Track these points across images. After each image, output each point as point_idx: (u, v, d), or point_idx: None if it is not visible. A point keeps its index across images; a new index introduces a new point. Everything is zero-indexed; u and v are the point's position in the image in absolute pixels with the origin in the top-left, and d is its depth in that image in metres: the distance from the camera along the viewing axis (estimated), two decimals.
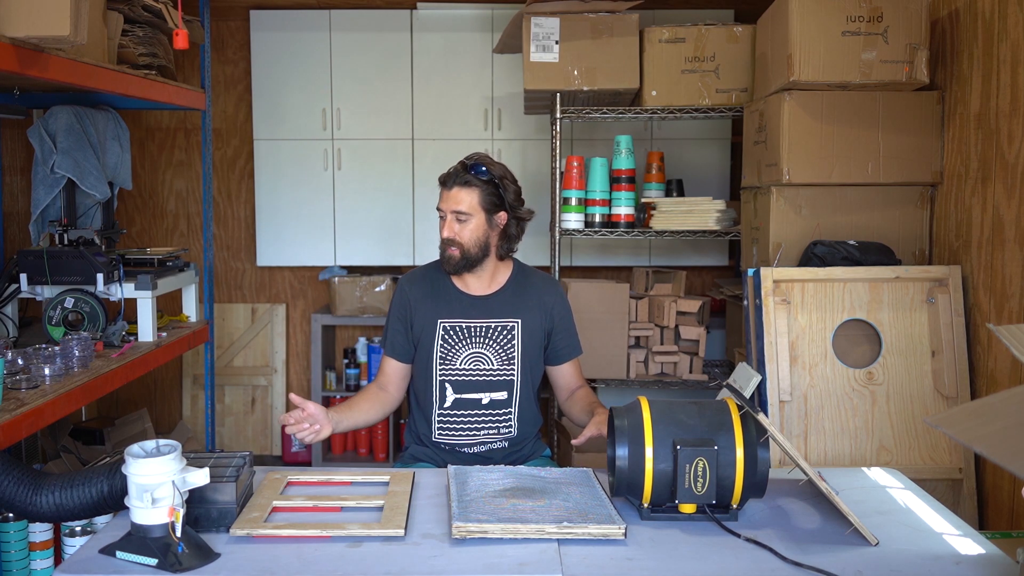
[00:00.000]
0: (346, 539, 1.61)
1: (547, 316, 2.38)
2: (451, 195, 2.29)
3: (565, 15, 3.28)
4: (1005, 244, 2.38)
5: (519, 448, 2.37)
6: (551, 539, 1.60)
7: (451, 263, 2.30)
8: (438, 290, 2.37)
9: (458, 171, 2.29)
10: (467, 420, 2.32)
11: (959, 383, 2.51)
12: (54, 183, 2.98)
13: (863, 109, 2.72)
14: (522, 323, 2.35)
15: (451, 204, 2.29)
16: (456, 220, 2.28)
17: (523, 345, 2.34)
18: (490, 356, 2.32)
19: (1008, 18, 2.38)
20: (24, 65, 2.22)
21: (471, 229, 2.29)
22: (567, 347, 2.42)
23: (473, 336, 2.33)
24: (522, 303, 2.37)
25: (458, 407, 2.31)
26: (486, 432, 2.32)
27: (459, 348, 2.32)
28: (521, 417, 2.35)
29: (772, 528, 1.69)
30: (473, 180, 2.28)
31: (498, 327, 2.34)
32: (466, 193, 2.28)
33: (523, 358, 2.34)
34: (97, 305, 2.84)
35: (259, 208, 4.49)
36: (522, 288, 2.39)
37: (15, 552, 2.30)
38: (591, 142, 4.35)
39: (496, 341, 2.33)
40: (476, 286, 2.36)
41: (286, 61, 4.42)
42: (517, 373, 2.33)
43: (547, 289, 2.42)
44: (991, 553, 1.60)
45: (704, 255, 4.49)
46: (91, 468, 1.79)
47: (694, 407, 1.75)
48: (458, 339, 2.32)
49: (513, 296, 2.37)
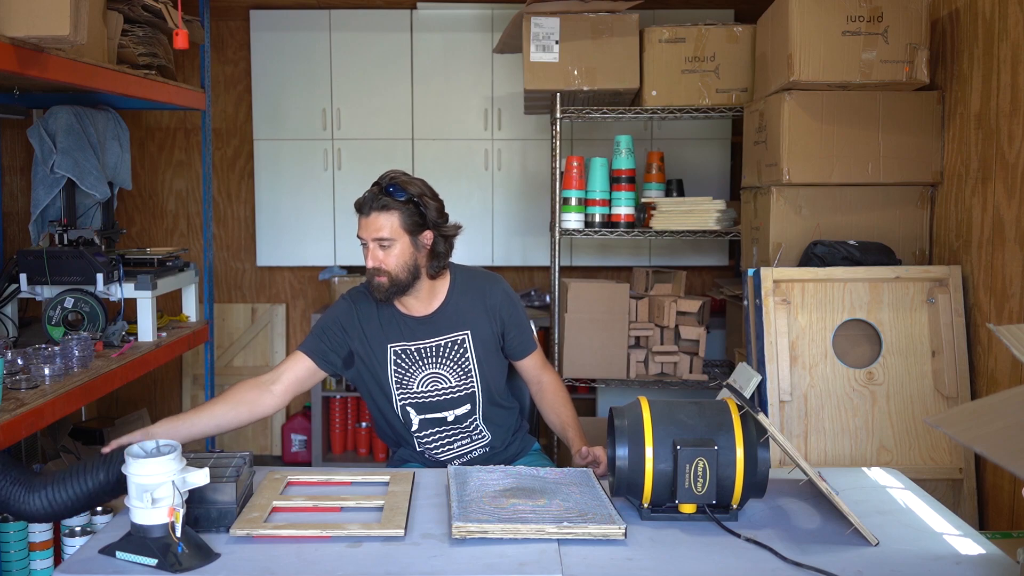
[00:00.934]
0: (346, 539, 1.61)
1: (495, 318, 2.29)
2: (369, 222, 2.14)
3: (565, 15, 3.28)
4: (1005, 244, 2.38)
5: (502, 449, 2.35)
6: (551, 539, 1.60)
7: (381, 291, 2.17)
8: (382, 313, 2.25)
9: (374, 195, 2.14)
10: (439, 436, 2.27)
11: (959, 383, 2.51)
12: (54, 183, 2.98)
13: (863, 109, 2.72)
14: (472, 333, 2.25)
15: (371, 232, 2.14)
16: (379, 247, 2.14)
17: (477, 355, 2.25)
18: (446, 374, 2.24)
19: (1008, 18, 2.38)
20: (24, 65, 2.22)
21: (396, 255, 2.15)
22: (520, 344, 2.33)
23: (426, 357, 2.23)
24: (468, 313, 2.27)
25: (426, 427, 2.26)
26: (461, 443, 2.29)
27: (413, 371, 2.23)
28: (491, 422, 2.30)
29: (772, 528, 1.69)
30: (391, 203, 2.13)
31: (448, 343, 2.24)
32: (385, 218, 2.13)
33: (481, 367, 2.26)
34: (97, 305, 2.84)
35: (259, 208, 4.49)
36: (464, 297, 2.28)
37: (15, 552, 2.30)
38: (591, 142, 4.35)
39: (449, 358, 2.24)
40: (416, 307, 2.24)
41: (286, 61, 4.42)
42: (477, 383, 2.26)
43: (489, 291, 2.30)
44: (991, 553, 1.59)
45: (704, 255, 4.49)
46: (80, 463, 1.79)
47: (694, 407, 1.75)
48: (411, 362, 2.23)
49: (457, 308, 2.26)
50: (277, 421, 4.80)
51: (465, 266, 2.36)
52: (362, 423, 4.60)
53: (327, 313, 2.28)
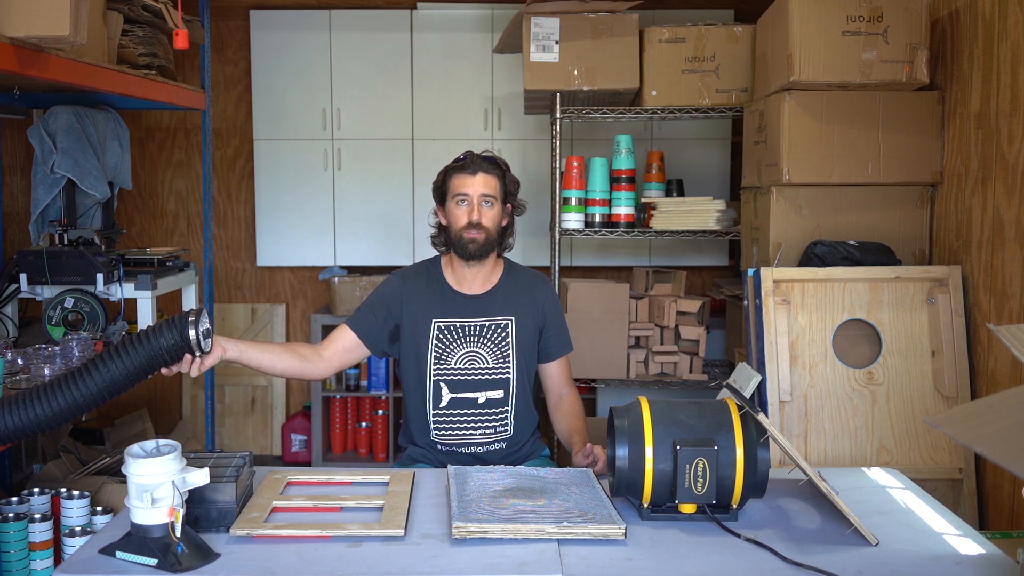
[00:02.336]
0: (346, 539, 1.61)
1: (539, 312, 2.38)
2: (477, 179, 2.28)
3: (565, 15, 3.28)
4: (1005, 244, 2.38)
5: (517, 448, 2.36)
6: (551, 539, 1.60)
7: (474, 246, 2.27)
8: (433, 289, 2.34)
9: (477, 158, 2.30)
10: (464, 420, 2.30)
11: (959, 383, 2.51)
12: (54, 183, 2.98)
13: (863, 109, 2.72)
14: (516, 320, 2.34)
15: (478, 187, 2.28)
16: (484, 202, 2.28)
17: (518, 343, 2.33)
18: (485, 355, 2.31)
19: (1008, 18, 2.38)
20: (24, 65, 2.22)
21: (494, 214, 2.30)
22: (558, 343, 2.41)
23: (468, 335, 2.31)
24: (515, 301, 2.36)
25: (454, 407, 2.30)
26: (483, 432, 2.31)
27: (454, 347, 2.30)
28: (517, 416, 2.34)
29: (772, 528, 1.69)
30: (493, 168, 2.31)
31: (492, 325, 2.32)
32: (492, 178, 2.30)
33: (518, 356, 2.33)
34: (97, 305, 2.84)
35: (259, 208, 4.49)
36: (514, 286, 2.38)
37: (15, 552, 2.30)
38: (591, 142, 4.35)
39: (491, 339, 2.32)
40: (471, 285, 2.35)
41: (286, 61, 4.42)
42: (512, 371, 2.32)
43: (538, 286, 2.41)
44: (991, 553, 1.59)
45: (704, 255, 4.49)
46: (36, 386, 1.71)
47: (694, 407, 1.75)
48: (453, 338, 2.30)
49: (506, 294, 2.36)
50: (277, 421, 4.80)
51: (518, 263, 2.47)
52: (362, 423, 4.60)
53: (375, 291, 2.36)
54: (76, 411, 1.67)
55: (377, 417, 4.55)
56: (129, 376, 1.70)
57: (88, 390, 1.67)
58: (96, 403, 1.69)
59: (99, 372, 1.68)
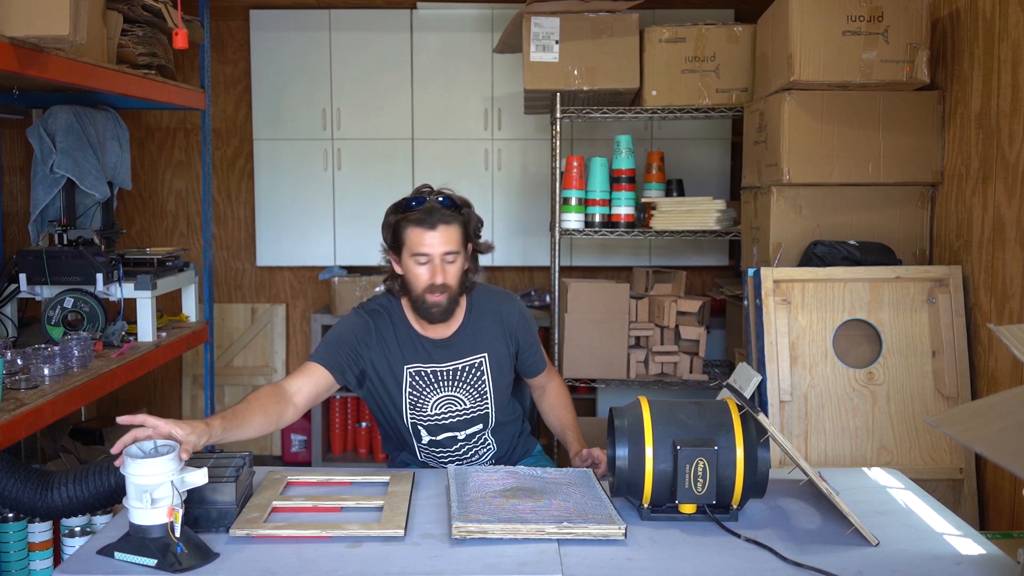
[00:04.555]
0: (346, 539, 1.61)
1: (511, 338, 2.23)
2: (437, 236, 2.01)
3: (565, 15, 3.28)
4: (1006, 244, 2.38)
5: (508, 454, 2.34)
6: (551, 539, 1.60)
7: (437, 310, 2.06)
8: (399, 333, 2.14)
9: (435, 207, 2.04)
10: (447, 452, 2.25)
11: (959, 383, 2.51)
12: (53, 183, 2.97)
13: (863, 109, 2.72)
14: (489, 356, 2.19)
15: (440, 245, 2.02)
16: (446, 262, 2.04)
17: (493, 378, 2.19)
18: (462, 397, 2.17)
19: (1009, 18, 2.37)
20: (24, 65, 2.22)
21: (457, 269, 2.06)
22: (533, 364, 2.30)
23: (442, 380, 2.16)
24: (484, 335, 2.19)
25: (436, 445, 2.23)
26: (472, 453, 2.27)
27: (428, 393, 2.16)
28: (498, 434, 2.29)
29: (772, 528, 1.69)
30: (454, 217, 2.04)
31: (466, 367, 2.17)
32: (453, 230, 2.04)
33: (495, 390, 2.20)
34: (97, 305, 2.84)
35: (259, 208, 4.49)
36: (481, 319, 2.20)
37: (14, 552, 2.30)
38: (591, 142, 4.35)
39: (466, 381, 2.17)
40: (435, 331, 2.15)
41: (286, 61, 4.42)
42: (491, 405, 2.21)
43: (505, 310, 2.22)
44: (992, 553, 1.59)
45: (704, 255, 4.49)
46: (100, 460, 1.80)
47: (694, 407, 1.75)
48: (427, 384, 2.15)
49: (475, 331, 2.18)
50: None
51: (479, 283, 2.25)
52: (362, 423, 4.60)
53: (341, 326, 2.14)
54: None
55: None
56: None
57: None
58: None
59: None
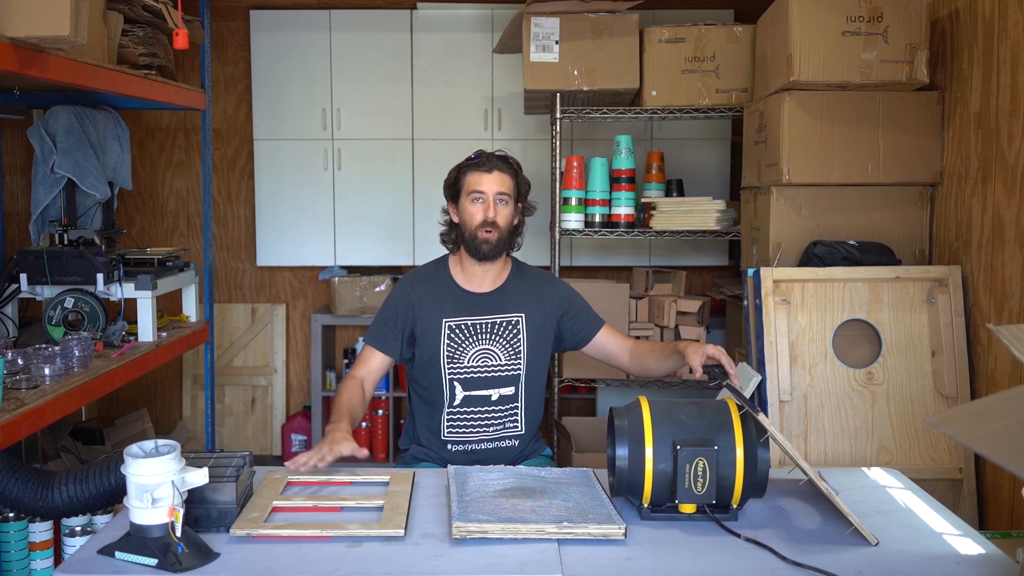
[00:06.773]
0: (346, 539, 1.61)
1: (552, 306, 2.37)
2: (492, 177, 2.27)
3: (565, 15, 3.28)
4: (1005, 244, 2.38)
5: (527, 445, 2.38)
6: (551, 539, 1.60)
7: (487, 247, 2.26)
8: (441, 289, 2.34)
9: (492, 156, 2.30)
10: (476, 417, 2.31)
11: (959, 383, 2.51)
12: (54, 183, 2.98)
13: (863, 109, 2.72)
14: (526, 317, 2.33)
15: (494, 185, 2.27)
16: (499, 201, 2.27)
17: (529, 339, 2.33)
18: (497, 352, 2.31)
19: (1008, 18, 2.38)
20: (24, 65, 2.22)
21: (508, 213, 2.29)
22: (588, 323, 2.39)
23: (479, 333, 2.31)
24: (524, 298, 2.36)
25: (467, 404, 2.31)
26: (495, 429, 2.32)
27: (466, 346, 2.30)
28: (527, 413, 2.35)
29: (772, 528, 1.69)
30: (507, 167, 2.30)
31: (503, 322, 2.32)
32: (507, 177, 2.29)
33: (529, 352, 2.33)
34: (97, 305, 2.84)
35: (259, 208, 4.49)
36: (523, 284, 2.38)
37: (15, 552, 2.30)
38: (591, 142, 4.35)
39: (503, 336, 2.32)
40: (481, 283, 2.34)
41: (286, 61, 4.42)
42: (523, 367, 2.32)
43: (546, 282, 2.42)
44: (991, 553, 1.59)
45: (704, 255, 4.49)
46: (100, 460, 1.80)
47: (694, 407, 1.75)
48: (464, 337, 2.30)
49: (515, 291, 2.36)
50: (277, 421, 4.80)
51: (525, 263, 2.47)
52: (362, 423, 4.60)
53: (387, 300, 2.37)
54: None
55: (377, 417, 4.55)
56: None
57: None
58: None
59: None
